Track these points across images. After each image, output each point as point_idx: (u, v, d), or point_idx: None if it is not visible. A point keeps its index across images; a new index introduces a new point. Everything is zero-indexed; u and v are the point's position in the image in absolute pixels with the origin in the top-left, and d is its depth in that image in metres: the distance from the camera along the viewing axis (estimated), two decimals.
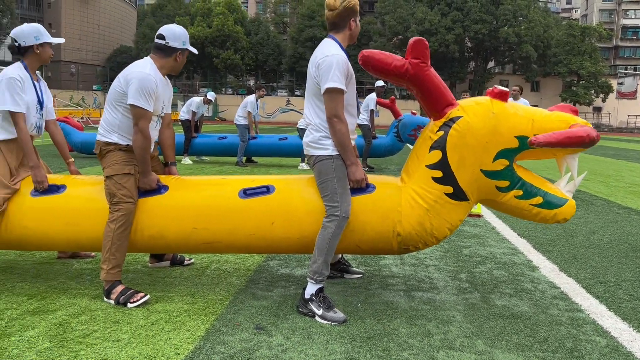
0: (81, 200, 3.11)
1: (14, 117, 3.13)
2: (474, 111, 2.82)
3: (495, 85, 2.89)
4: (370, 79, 67.99)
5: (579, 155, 2.92)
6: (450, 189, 2.83)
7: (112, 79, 60.45)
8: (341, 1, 2.87)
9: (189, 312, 2.83)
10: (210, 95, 11.37)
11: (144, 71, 2.98)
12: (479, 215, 5.87)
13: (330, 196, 2.82)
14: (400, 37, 59.32)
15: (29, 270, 3.50)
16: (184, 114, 10.91)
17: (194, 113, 10.89)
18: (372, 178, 3.06)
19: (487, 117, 2.79)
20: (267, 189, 3.04)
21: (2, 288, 3.14)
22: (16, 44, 3.30)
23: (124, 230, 2.94)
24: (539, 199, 2.83)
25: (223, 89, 68.31)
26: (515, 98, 10.58)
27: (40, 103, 3.35)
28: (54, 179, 3.23)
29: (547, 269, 3.88)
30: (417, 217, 2.87)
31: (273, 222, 2.96)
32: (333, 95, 2.75)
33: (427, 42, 2.80)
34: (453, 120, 2.83)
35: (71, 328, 2.58)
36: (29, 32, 3.29)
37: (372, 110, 10.45)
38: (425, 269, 3.79)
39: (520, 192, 2.83)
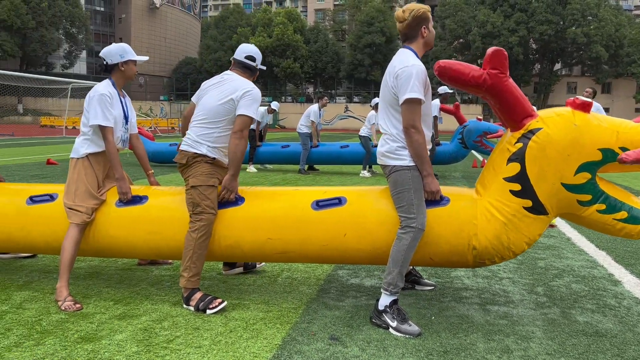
0: (162, 210, 3.26)
1: (103, 131, 3.32)
2: (554, 123, 2.73)
3: (577, 96, 2.79)
4: (432, 84, 66.96)
5: None
6: (529, 203, 2.75)
7: (178, 90, 62.90)
8: (409, 11, 2.89)
9: (264, 320, 2.90)
10: (274, 105, 11.59)
11: (255, 87, 3.22)
12: (552, 226, 5.65)
13: (407, 207, 2.82)
14: (461, 40, 58.24)
15: (113, 276, 3.70)
16: None
17: (258, 122, 11.13)
18: (446, 190, 3.03)
19: (569, 129, 2.69)
20: (339, 201, 3.07)
21: (90, 293, 3.33)
22: (104, 62, 3.50)
23: (205, 240, 3.05)
24: (623, 214, 2.71)
25: (283, 97, 69.43)
26: None
27: (126, 117, 3.54)
28: (136, 190, 3.40)
29: (631, 283, 3.68)
30: (494, 230, 2.81)
31: (345, 234, 2.99)
32: (412, 105, 2.76)
33: (506, 53, 2.74)
34: (532, 132, 2.75)
35: (155, 333, 2.71)
36: (115, 51, 3.49)
37: (435, 117, 10.31)
38: (499, 281, 3.70)
39: (604, 207, 2.72)
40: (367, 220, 2.99)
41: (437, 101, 10.63)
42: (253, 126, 11.08)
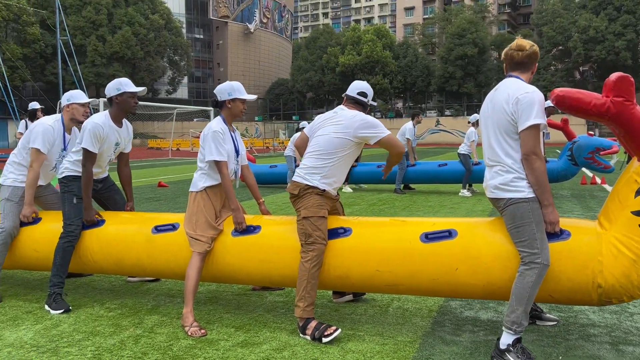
0: (274, 240, 3.40)
1: (218, 166, 3.54)
2: None
3: None
4: None
5: None
6: None
7: (272, 110, 65.16)
8: (531, 45, 2.91)
9: (381, 353, 2.91)
10: None
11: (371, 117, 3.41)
12: None
13: (529, 242, 2.72)
14: (560, 47, 55.33)
15: (232, 302, 3.89)
16: None
17: None
18: (566, 222, 2.89)
19: None
20: (449, 233, 3.03)
21: (212, 318, 3.53)
22: (216, 99, 3.75)
23: (317, 270, 3.15)
24: None
25: (372, 113, 69.65)
26: None
27: (237, 151, 3.75)
28: (250, 219, 3.58)
29: None
30: (622, 268, 2.64)
31: (457, 268, 2.94)
32: (534, 131, 2.72)
33: (632, 79, 2.59)
34: None
35: None
36: (224, 89, 3.72)
37: (542, 133, 9.84)
38: (630, 317, 3.45)
39: None
40: (481, 254, 2.92)
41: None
42: None
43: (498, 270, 2.87)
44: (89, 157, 3.82)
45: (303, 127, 12.22)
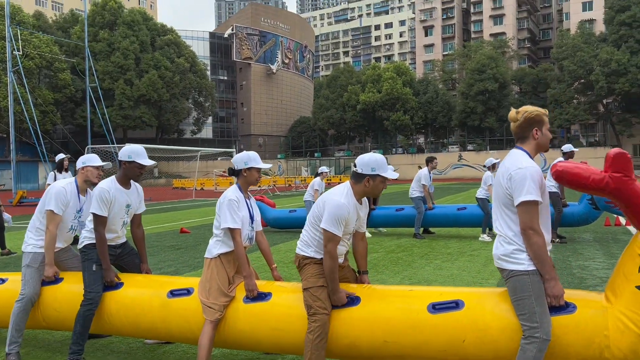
0: (284, 308, 3.45)
1: (232, 233, 3.66)
2: None
3: None
4: (551, 127, 63.71)
5: None
6: None
7: (294, 148, 65.81)
8: (522, 113, 2.94)
9: None
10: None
11: (338, 199, 3.29)
12: None
13: (529, 315, 2.74)
14: (582, 80, 55.08)
15: None
16: None
17: None
18: (571, 295, 2.89)
19: None
20: (456, 304, 3.05)
21: None
22: (232, 167, 3.90)
23: (321, 340, 3.18)
24: None
25: (393, 149, 69.77)
26: None
27: (251, 217, 3.86)
28: (262, 285, 3.65)
29: None
30: (629, 344, 2.62)
31: (464, 340, 2.95)
32: (528, 207, 2.75)
33: (629, 155, 2.64)
34: None
35: None
36: (241, 158, 3.86)
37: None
38: None
39: None
40: (488, 326, 2.93)
41: (561, 159, 10.10)
42: None
43: (505, 343, 2.87)
44: (99, 221, 3.98)
45: (322, 172, 12.44)
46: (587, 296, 2.90)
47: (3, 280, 4.40)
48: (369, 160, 3.36)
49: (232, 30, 79.00)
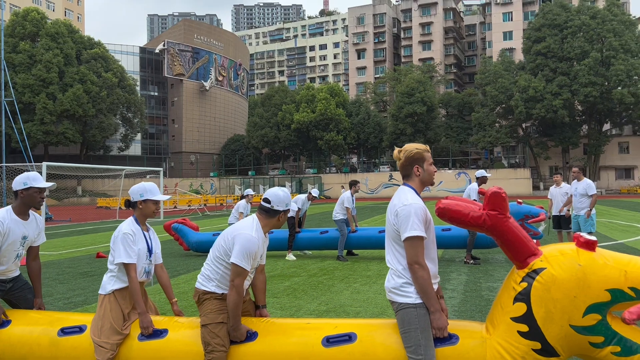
0: (181, 345, 3.37)
1: (126, 268, 3.55)
2: (558, 263, 2.73)
3: (580, 233, 2.79)
4: (475, 149, 66.82)
5: None
6: (537, 345, 2.70)
7: (227, 166, 64.90)
8: (404, 152, 3.09)
9: None
10: (314, 192, 11.78)
11: (250, 233, 3.25)
12: None
13: (414, 348, 2.82)
14: (503, 105, 58.27)
15: None
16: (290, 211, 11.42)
17: (298, 209, 11.36)
18: (455, 326, 3.02)
19: (573, 270, 2.68)
20: (349, 337, 3.10)
21: None
22: (128, 199, 3.80)
23: None
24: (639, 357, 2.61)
25: (327, 168, 70.56)
26: (579, 179, 10.18)
27: (150, 250, 3.76)
28: (158, 322, 3.55)
29: None
30: None
31: None
32: (414, 242, 2.85)
33: (504, 194, 2.81)
34: (536, 271, 2.75)
35: None
36: (136, 190, 3.78)
37: (474, 201, 10.27)
38: None
39: (618, 349, 2.63)
40: (378, 358, 3.00)
41: (475, 185, 10.61)
42: (293, 213, 11.30)
43: None
44: None
45: (247, 195, 12.36)
46: (469, 327, 3.02)
47: (81, 329, 3.71)
48: (284, 197, 3.41)
49: (164, 45, 77.51)
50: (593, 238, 2.73)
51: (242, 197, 12.19)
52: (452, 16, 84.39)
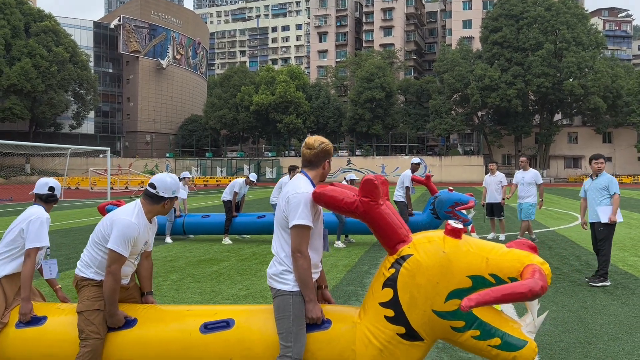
0: (58, 333, 3.26)
1: (31, 252, 3.43)
2: (424, 249, 2.77)
3: (449, 221, 2.84)
4: (432, 136, 67.86)
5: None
6: (402, 330, 2.75)
7: (184, 147, 64.15)
8: (319, 143, 3.06)
9: None
10: (252, 176, 11.71)
11: (129, 219, 3.16)
12: None
13: (285, 335, 2.83)
14: (460, 93, 59.27)
15: None
16: (226, 195, 11.32)
17: (235, 193, 11.27)
18: (330, 310, 3.03)
19: (437, 256, 2.72)
20: (227, 324, 3.08)
21: None
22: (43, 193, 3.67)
23: None
24: (497, 340, 2.68)
25: (286, 151, 70.34)
26: (525, 169, 10.92)
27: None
28: (39, 308, 3.43)
29: None
30: (371, 357, 2.79)
31: (231, 358, 2.98)
32: (300, 231, 2.84)
33: (376, 182, 2.81)
34: (404, 258, 2.79)
35: None
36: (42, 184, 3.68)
37: (407, 187, 10.44)
38: None
39: (478, 333, 2.70)
40: (254, 345, 2.98)
41: (408, 172, 10.75)
42: (230, 197, 11.21)
43: None
44: None
45: (184, 177, 12.18)
46: (344, 312, 3.05)
47: None
48: (172, 184, 3.33)
49: (119, 21, 74.97)
50: (459, 226, 2.78)
51: (180, 179, 12.00)
52: (413, 2, 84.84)
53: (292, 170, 11.07)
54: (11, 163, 55.44)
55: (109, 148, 26.76)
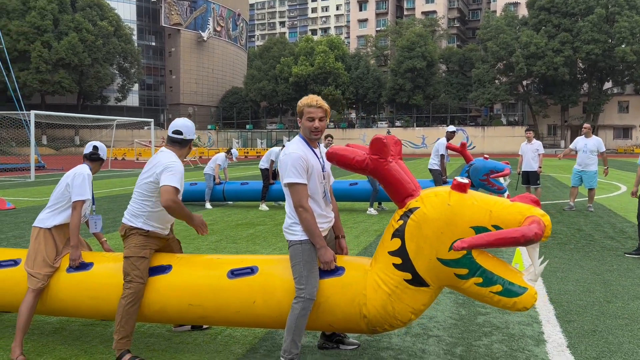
0: (104, 277, 3.65)
1: (76, 204, 3.79)
2: (431, 203, 2.96)
3: (456, 177, 3.00)
4: (475, 106, 66.35)
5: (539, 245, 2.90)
6: (409, 276, 2.97)
7: (225, 119, 64.49)
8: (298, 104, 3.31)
9: None
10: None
11: (177, 161, 3.53)
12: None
13: (298, 279, 3.11)
14: (504, 62, 57.49)
15: (74, 332, 4.11)
16: (263, 163, 11.65)
17: (272, 162, 11.57)
18: (345, 260, 3.28)
19: (442, 209, 2.91)
20: (251, 270, 3.38)
21: (45, 350, 3.74)
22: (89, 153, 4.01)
23: (133, 306, 3.41)
24: (498, 287, 2.87)
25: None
26: (587, 136, 10.59)
27: (93, 198, 4.02)
28: (86, 256, 3.82)
29: (555, 343, 3.77)
30: (381, 301, 3.04)
31: (255, 301, 3.29)
32: (294, 188, 3.11)
33: (384, 141, 3.00)
34: (411, 210, 2.99)
35: None
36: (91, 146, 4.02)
37: (442, 155, 10.49)
38: (426, 340, 3.87)
39: (480, 280, 2.89)
40: (275, 289, 3.28)
41: (443, 140, 10.77)
42: (267, 165, 11.53)
43: (288, 303, 3.22)
44: None
45: (231, 152, 12.59)
46: (357, 261, 3.29)
47: (16, 262, 3.93)
48: (192, 127, 3.80)
49: None
50: (465, 181, 2.94)
51: (228, 151, 12.50)
52: None
53: (325, 138, 11.27)
54: (61, 135, 57.81)
55: (152, 120, 27.60)
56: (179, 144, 3.67)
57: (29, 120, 19.41)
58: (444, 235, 2.90)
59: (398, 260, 3.00)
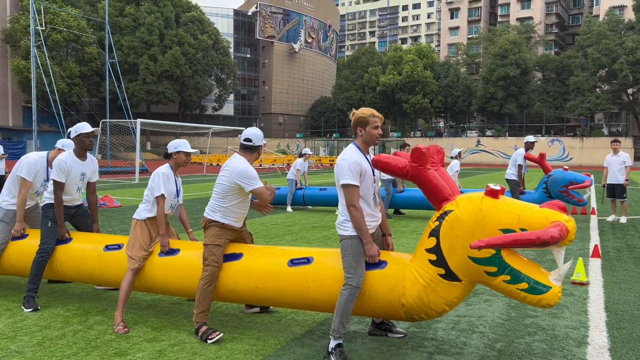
0: (189, 261, 4.33)
1: (158, 199, 4.53)
2: (464, 206, 3.31)
3: (489, 184, 3.32)
4: (573, 115, 62.82)
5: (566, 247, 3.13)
6: (442, 271, 3.33)
7: (313, 128, 65.88)
8: (353, 114, 3.76)
9: (246, 351, 3.77)
10: None
11: (248, 165, 4.14)
12: (582, 284, 5.76)
13: (347, 269, 3.57)
14: (606, 69, 54.12)
15: (164, 308, 4.85)
16: (290, 175, 12.59)
17: (298, 171, 12.65)
18: (389, 255, 3.70)
19: (474, 212, 3.25)
20: (307, 260, 3.89)
21: (141, 320, 4.49)
22: (165, 151, 4.74)
23: (209, 286, 4.05)
24: (524, 285, 3.16)
25: (412, 132, 69.90)
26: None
27: (177, 192, 4.74)
28: (174, 243, 4.53)
29: (597, 346, 3.92)
30: (417, 292, 3.42)
31: (309, 287, 3.79)
32: (348, 189, 3.57)
33: (424, 150, 3.40)
34: (446, 213, 3.36)
35: (165, 354, 3.73)
36: (172, 144, 4.72)
37: (520, 166, 10.45)
38: (470, 335, 4.17)
39: (508, 277, 3.19)
40: (327, 277, 3.77)
41: (522, 150, 10.71)
42: (292, 176, 12.62)
43: (337, 290, 3.70)
44: (57, 186, 4.89)
45: (305, 154, 13.29)
46: (399, 256, 3.70)
47: (119, 246, 4.82)
48: (261, 134, 4.41)
49: (256, 8, 79.37)
50: (497, 187, 3.26)
51: (301, 155, 13.15)
52: None
53: (402, 147, 11.63)
54: (163, 141, 62.08)
55: (245, 128, 29.19)
56: (249, 149, 4.27)
57: (135, 128, 21.42)
58: (474, 236, 3.23)
59: (433, 257, 3.37)
